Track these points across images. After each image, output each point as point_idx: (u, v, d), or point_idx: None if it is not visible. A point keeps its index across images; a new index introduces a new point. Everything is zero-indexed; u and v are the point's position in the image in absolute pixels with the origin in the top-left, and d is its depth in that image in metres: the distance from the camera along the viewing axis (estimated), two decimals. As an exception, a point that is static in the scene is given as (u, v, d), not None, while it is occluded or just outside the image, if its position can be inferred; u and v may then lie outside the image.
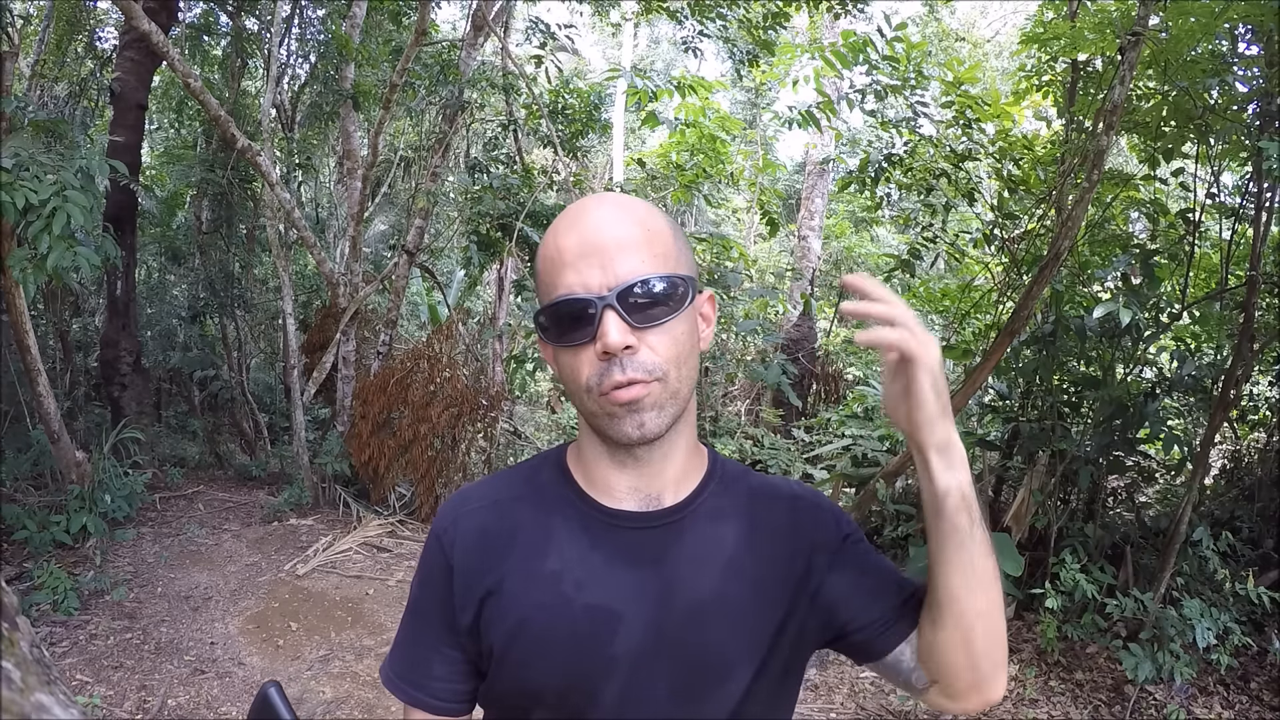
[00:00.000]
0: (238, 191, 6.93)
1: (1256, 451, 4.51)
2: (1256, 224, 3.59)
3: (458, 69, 5.98)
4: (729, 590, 0.77)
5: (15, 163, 3.35)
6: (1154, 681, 3.26)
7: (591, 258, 0.70)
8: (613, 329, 0.68)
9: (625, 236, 0.71)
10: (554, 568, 0.77)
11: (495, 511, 0.81)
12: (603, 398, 0.71)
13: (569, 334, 0.71)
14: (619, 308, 0.69)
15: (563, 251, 0.71)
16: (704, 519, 0.80)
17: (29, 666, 0.55)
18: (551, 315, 0.72)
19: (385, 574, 4.66)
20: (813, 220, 9.43)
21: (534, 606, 0.76)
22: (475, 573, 0.78)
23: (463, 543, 0.80)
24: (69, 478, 4.44)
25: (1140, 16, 3.09)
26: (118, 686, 3.19)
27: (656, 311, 0.70)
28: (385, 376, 5.72)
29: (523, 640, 0.76)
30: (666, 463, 0.79)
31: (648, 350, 0.70)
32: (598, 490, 0.80)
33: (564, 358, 0.73)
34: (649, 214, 0.75)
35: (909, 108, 4.36)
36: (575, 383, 0.73)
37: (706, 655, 0.76)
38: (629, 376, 0.69)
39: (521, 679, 0.77)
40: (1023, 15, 10.79)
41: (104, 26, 7.56)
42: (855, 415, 6.16)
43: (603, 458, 0.79)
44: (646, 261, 0.70)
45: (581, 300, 0.69)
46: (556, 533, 0.79)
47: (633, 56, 15.42)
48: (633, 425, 0.71)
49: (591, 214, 0.73)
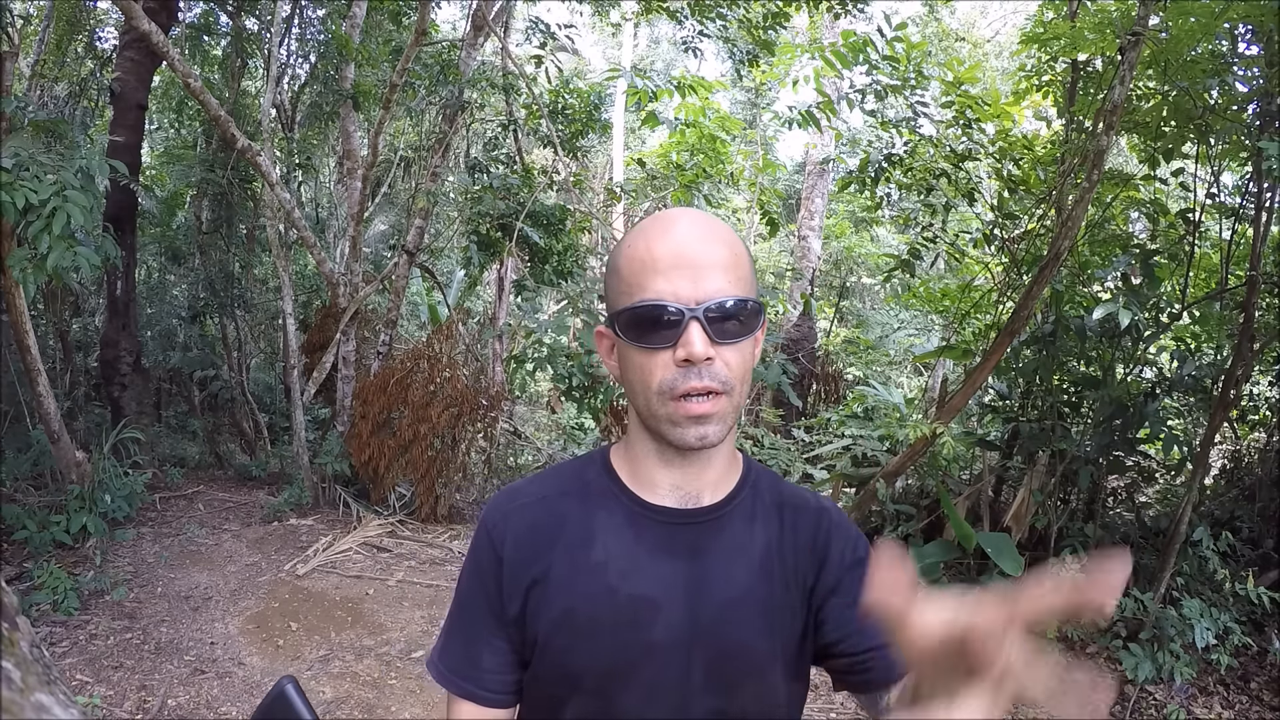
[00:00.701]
0: (238, 191, 6.93)
1: (1256, 451, 4.51)
2: (1256, 224, 3.60)
3: (458, 69, 5.98)
4: (760, 588, 0.82)
5: (15, 163, 3.35)
6: (1154, 681, 3.26)
7: (684, 269, 0.74)
8: (698, 339, 0.73)
9: (716, 256, 0.75)
10: (599, 559, 0.81)
11: (543, 507, 0.85)
12: (674, 403, 0.75)
13: (649, 336, 0.75)
14: (704, 321, 0.73)
15: (656, 258, 0.75)
16: (739, 519, 0.84)
17: (29, 666, 0.55)
18: (635, 315, 0.75)
19: (385, 574, 4.66)
20: (813, 220, 9.43)
21: (581, 595, 0.80)
22: (523, 564, 0.82)
23: (513, 537, 0.84)
24: (69, 478, 4.44)
25: (1140, 16, 3.09)
26: (118, 686, 3.18)
27: (733, 329, 0.75)
28: (385, 376, 5.72)
29: (568, 627, 0.80)
30: (709, 466, 0.83)
31: (722, 364, 0.75)
32: (641, 487, 0.84)
33: (638, 358, 0.77)
34: (734, 238, 0.79)
35: (909, 108, 4.36)
36: (646, 384, 0.76)
37: (736, 647, 0.80)
38: (704, 384, 0.74)
39: (564, 664, 0.80)
40: (1023, 15, 10.80)
41: (104, 26, 7.56)
42: (855, 415, 6.16)
43: (651, 455, 0.83)
44: (731, 283, 0.75)
45: (671, 308, 0.73)
46: (601, 526, 0.83)
47: (633, 56, 15.42)
48: (696, 435, 0.76)
49: (684, 226, 0.77)
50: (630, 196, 7.64)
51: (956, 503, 4.11)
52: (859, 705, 0.84)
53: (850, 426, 5.75)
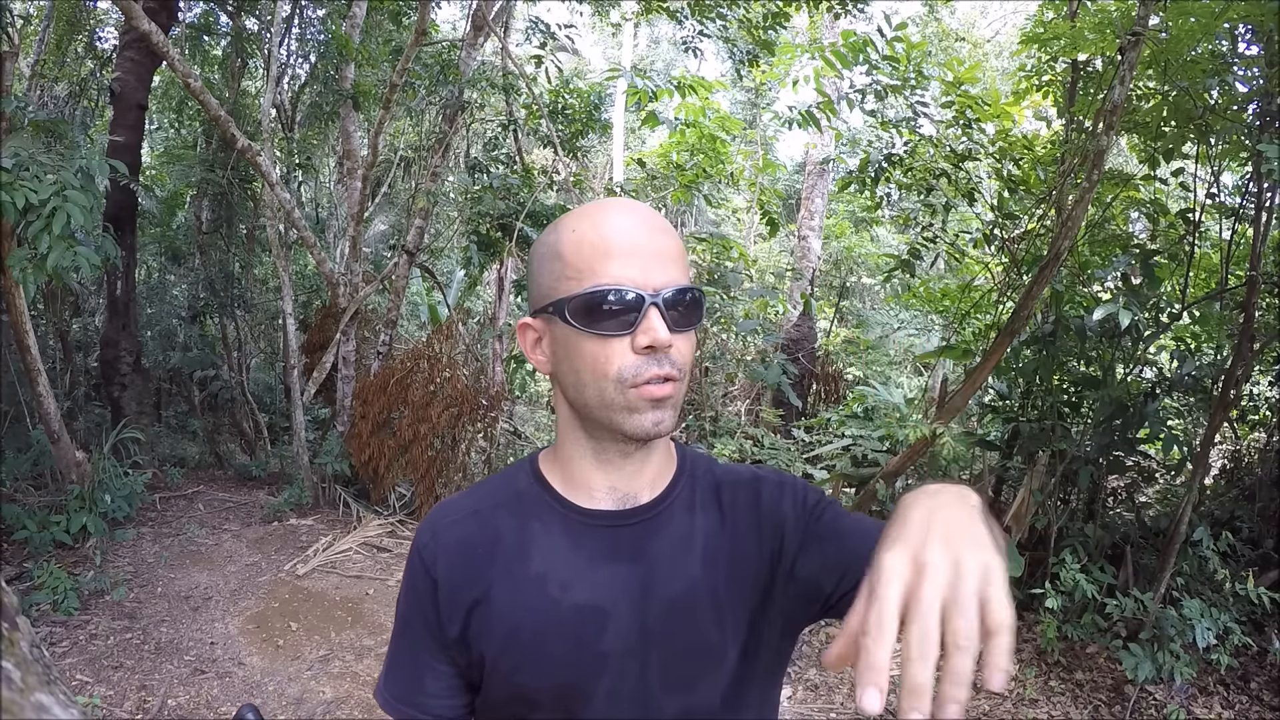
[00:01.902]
0: (238, 191, 6.93)
1: (1256, 451, 4.51)
2: (1256, 224, 3.60)
3: (458, 69, 5.98)
4: (707, 578, 0.79)
5: (15, 163, 3.35)
6: (1154, 681, 3.26)
7: (637, 256, 0.72)
8: (660, 326, 0.71)
9: (665, 245, 0.74)
10: (538, 571, 0.78)
11: (475, 522, 0.82)
12: (633, 390, 0.72)
13: (604, 323, 0.72)
14: (663, 308, 0.72)
15: (610, 243, 0.72)
16: (678, 512, 0.82)
17: (29, 666, 0.55)
18: (590, 301, 0.72)
19: (385, 574, 4.66)
20: (813, 220, 9.43)
21: (524, 611, 0.77)
22: (459, 584, 0.79)
23: (445, 556, 0.80)
24: (69, 478, 4.44)
25: (1140, 16, 3.09)
26: (118, 686, 3.19)
27: (684, 318, 0.74)
28: (385, 376, 5.72)
29: (515, 646, 0.77)
30: (647, 463, 0.81)
31: (676, 351, 0.74)
32: (575, 492, 0.81)
33: (590, 346, 0.73)
34: (670, 227, 0.78)
35: (909, 108, 4.36)
36: (602, 372, 0.73)
37: (692, 644, 0.77)
38: (667, 371, 0.72)
39: (516, 684, 0.77)
40: (1023, 15, 10.79)
41: (104, 26, 7.56)
42: (855, 415, 6.15)
43: (586, 457, 0.80)
44: (680, 271, 0.75)
45: (631, 293, 0.71)
46: (537, 537, 0.80)
47: (633, 56, 15.42)
48: (652, 421, 0.73)
49: (629, 214, 0.75)
50: (630, 196, 7.64)
51: (956, 503, 4.10)
52: None
53: (850, 426, 5.75)
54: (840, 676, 3.60)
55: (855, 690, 0.47)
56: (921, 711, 0.45)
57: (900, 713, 0.45)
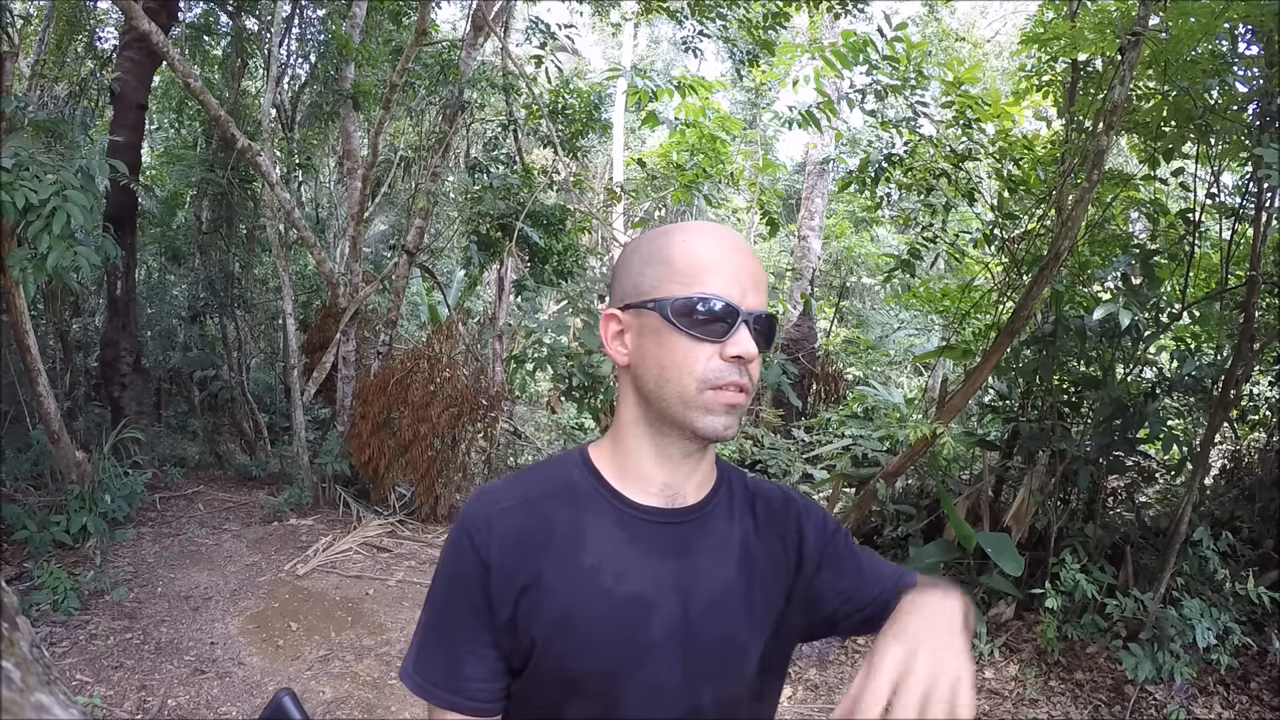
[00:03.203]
0: (238, 191, 6.93)
1: (1256, 451, 4.51)
2: (1256, 224, 3.60)
3: (458, 69, 5.98)
4: (740, 580, 0.86)
5: (15, 163, 3.35)
6: (1154, 681, 3.26)
7: (738, 275, 0.81)
8: (751, 342, 0.80)
9: (759, 274, 0.84)
10: (592, 561, 0.82)
11: (526, 509, 0.84)
12: (713, 391, 0.80)
13: (703, 327, 0.79)
14: (752, 326, 0.81)
15: (712, 256, 0.81)
16: (720, 517, 0.89)
17: (29, 666, 0.55)
18: (692, 305, 0.80)
19: (385, 574, 4.66)
20: (813, 220, 9.43)
21: (578, 599, 0.81)
22: (512, 569, 0.81)
23: (499, 541, 0.82)
24: (69, 478, 4.44)
25: (1140, 16, 3.10)
26: (118, 686, 3.18)
27: (764, 340, 0.83)
28: (385, 376, 5.72)
29: (566, 631, 0.80)
30: (698, 466, 0.88)
31: (754, 368, 0.83)
32: (628, 486, 0.86)
33: (684, 344, 0.80)
34: (760, 260, 0.87)
35: (909, 108, 4.36)
36: (688, 370, 0.80)
37: (724, 639, 0.84)
38: (744, 382, 0.81)
39: (563, 667, 0.81)
40: (1023, 15, 10.80)
41: (104, 26, 7.56)
42: (855, 415, 6.16)
43: (646, 451, 0.86)
44: (763, 300, 0.84)
45: (731, 306, 0.80)
46: (590, 528, 0.84)
47: (633, 56, 15.42)
48: (723, 424, 0.81)
49: (730, 239, 0.84)
50: (630, 196, 7.64)
51: (956, 503, 4.11)
52: None
53: (850, 426, 5.75)
54: (840, 677, 3.61)
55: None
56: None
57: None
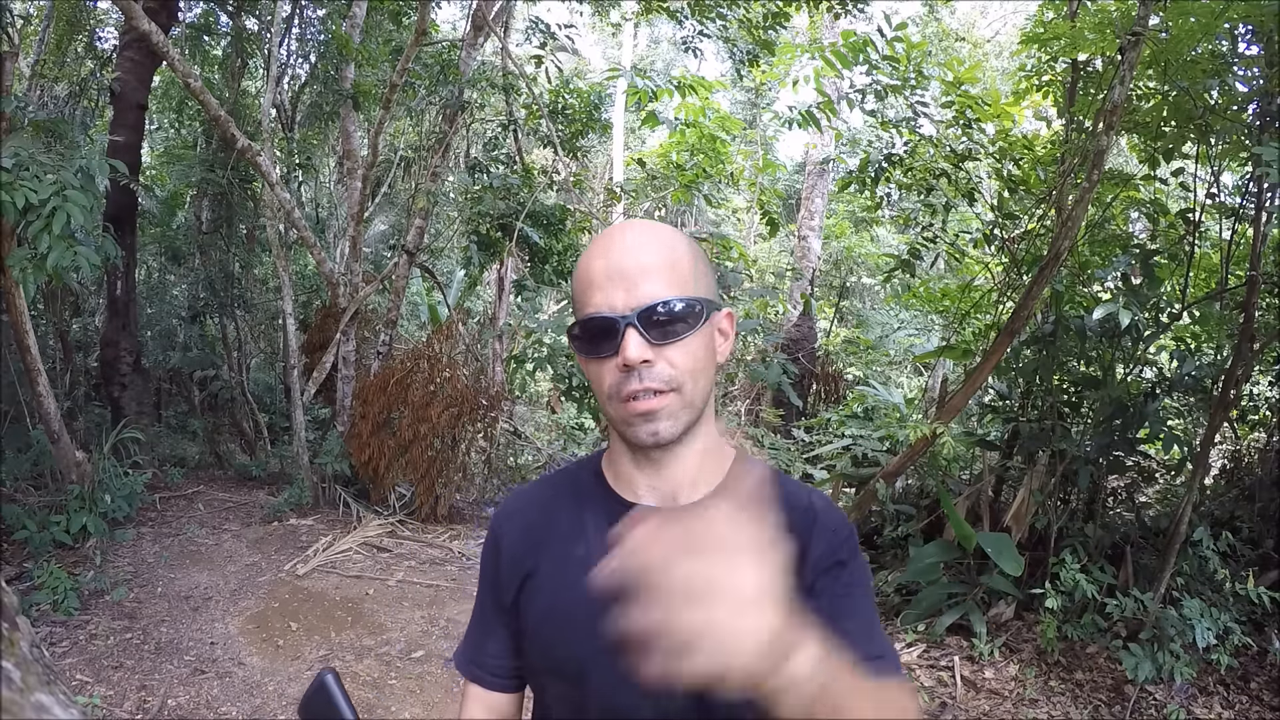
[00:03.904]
0: (238, 191, 6.93)
1: (1256, 451, 4.51)
2: (1256, 224, 3.59)
3: (458, 69, 5.98)
4: None
5: (15, 163, 3.35)
6: (1154, 681, 3.26)
7: (617, 280, 0.79)
8: (632, 345, 0.77)
9: (649, 261, 0.80)
10: (583, 553, 0.86)
11: (539, 508, 0.93)
12: (622, 404, 0.80)
13: (597, 347, 0.81)
14: (639, 326, 0.77)
15: (592, 274, 0.81)
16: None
17: (29, 666, 0.55)
18: (582, 330, 0.82)
19: (385, 574, 4.66)
20: (813, 220, 9.43)
21: (564, 588, 0.85)
22: (518, 556, 0.90)
23: (510, 530, 0.92)
24: (69, 478, 4.44)
25: (1140, 16, 3.10)
26: (118, 686, 3.18)
27: (675, 329, 0.79)
28: (385, 376, 5.72)
29: (552, 619, 0.86)
30: (678, 465, 0.87)
31: (665, 364, 0.79)
32: (623, 487, 0.90)
33: (592, 367, 0.83)
34: (673, 240, 0.83)
35: (909, 108, 4.36)
36: (600, 390, 0.83)
37: None
38: (644, 386, 0.78)
39: (547, 654, 0.87)
40: (1023, 15, 10.78)
41: (104, 26, 7.56)
42: (855, 415, 6.16)
43: (624, 455, 0.89)
44: (667, 285, 0.79)
45: (607, 318, 0.79)
46: (587, 523, 0.89)
47: (633, 56, 15.42)
48: (647, 432, 0.80)
49: (618, 240, 0.82)
50: (630, 196, 7.64)
51: (956, 503, 4.11)
52: None
53: (850, 426, 5.75)
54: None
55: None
56: None
57: None
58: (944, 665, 3.63)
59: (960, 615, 3.84)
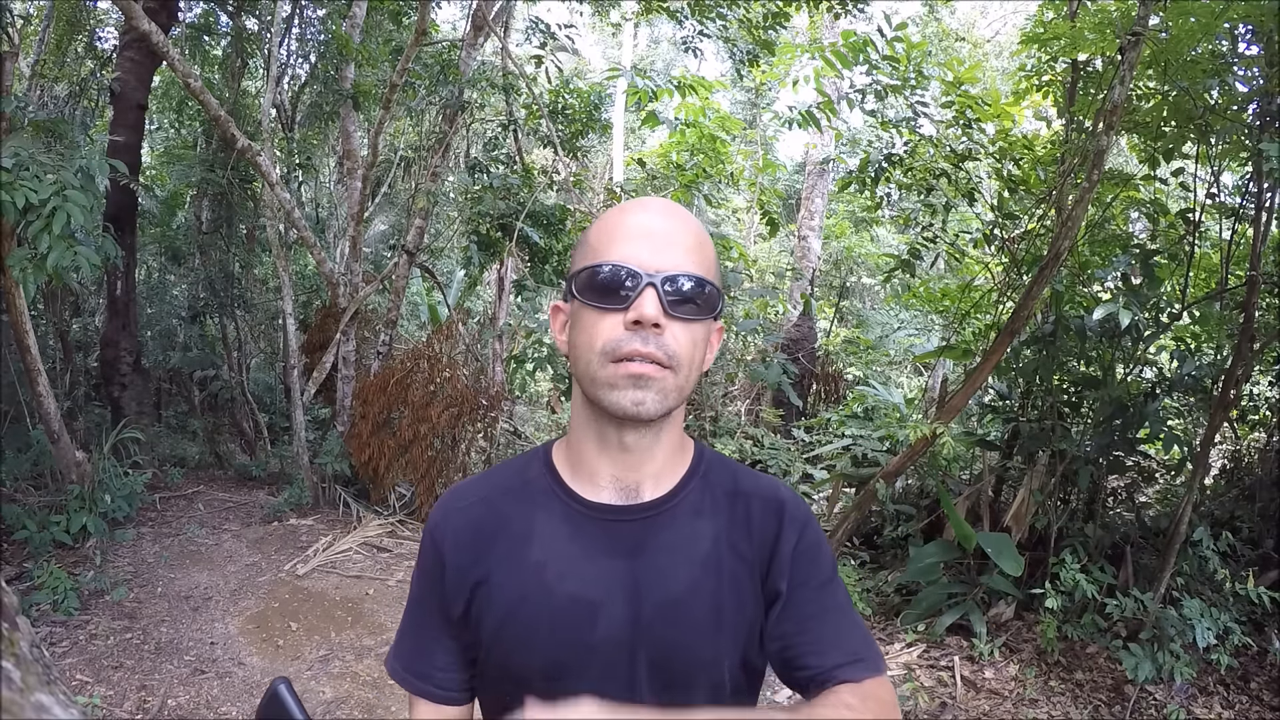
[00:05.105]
0: (238, 191, 6.93)
1: (1256, 451, 4.51)
2: (1256, 224, 3.59)
3: (458, 69, 5.98)
4: (705, 584, 0.79)
5: (15, 163, 3.35)
6: (1154, 681, 3.26)
7: (647, 239, 0.75)
8: (650, 303, 0.72)
9: (681, 234, 0.77)
10: (538, 558, 0.80)
11: (484, 506, 0.85)
12: (615, 364, 0.74)
13: (604, 297, 0.74)
14: (660, 289, 0.73)
15: (623, 226, 0.77)
16: (683, 514, 0.82)
17: (29, 666, 0.55)
18: (593, 275, 0.75)
19: (385, 574, 4.66)
20: (813, 220, 9.43)
21: (519, 596, 0.79)
22: (465, 566, 0.82)
23: (453, 538, 0.83)
24: (69, 478, 4.44)
25: (1140, 16, 3.09)
26: (118, 686, 3.18)
27: (688, 308, 0.75)
28: (385, 376, 5.72)
29: (510, 629, 0.79)
30: (648, 455, 0.81)
31: (671, 337, 0.74)
32: (580, 483, 0.83)
33: (588, 317, 0.76)
34: (702, 229, 0.81)
35: (909, 108, 4.36)
36: (590, 345, 0.75)
37: (680, 647, 0.78)
38: (650, 351, 0.73)
39: (507, 665, 0.80)
40: (1023, 15, 10.78)
41: (104, 26, 7.56)
42: (855, 415, 6.16)
43: (590, 442, 0.81)
44: (694, 262, 0.76)
45: (630, 270, 0.73)
46: (540, 525, 0.82)
47: (633, 56, 15.42)
48: (632, 400, 0.74)
49: (652, 205, 0.79)
50: (630, 196, 7.63)
51: (956, 503, 4.11)
52: None
53: (850, 426, 5.75)
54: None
55: None
56: None
57: None
58: (944, 665, 3.63)
59: (960, 615, 3.84)
